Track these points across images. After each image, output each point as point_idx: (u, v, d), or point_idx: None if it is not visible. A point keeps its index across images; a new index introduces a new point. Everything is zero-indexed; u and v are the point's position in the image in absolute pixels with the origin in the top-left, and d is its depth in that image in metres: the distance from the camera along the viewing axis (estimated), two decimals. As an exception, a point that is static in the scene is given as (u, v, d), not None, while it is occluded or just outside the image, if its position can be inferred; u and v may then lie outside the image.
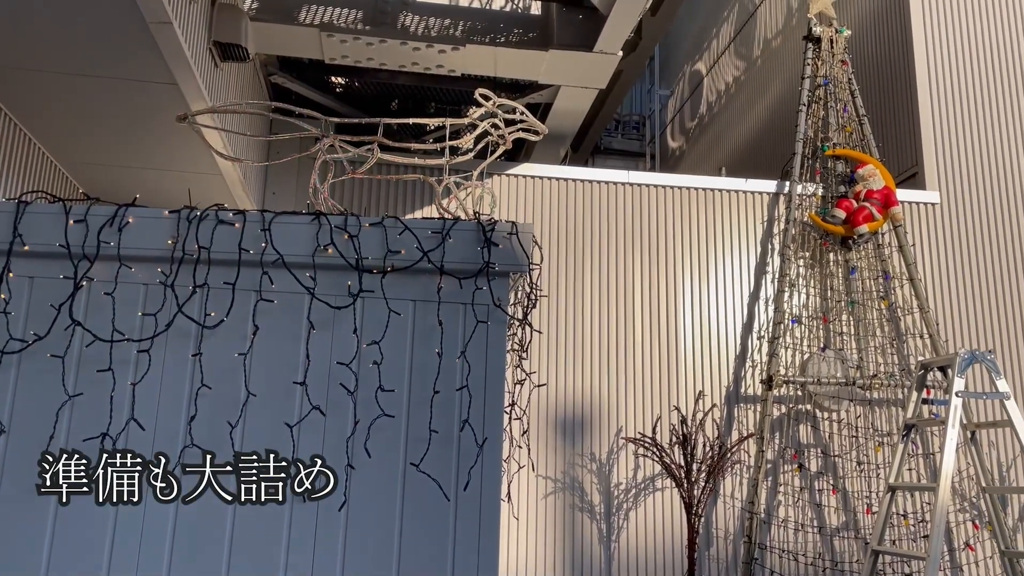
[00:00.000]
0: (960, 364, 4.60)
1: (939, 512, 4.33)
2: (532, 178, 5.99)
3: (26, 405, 2.56)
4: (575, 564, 5.29)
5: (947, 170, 6.30)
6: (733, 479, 5.48)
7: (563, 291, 5.73)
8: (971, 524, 5.52)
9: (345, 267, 2.73)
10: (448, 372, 2.77)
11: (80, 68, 3.93)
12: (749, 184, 6.11)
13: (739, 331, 5.80)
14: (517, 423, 3.93)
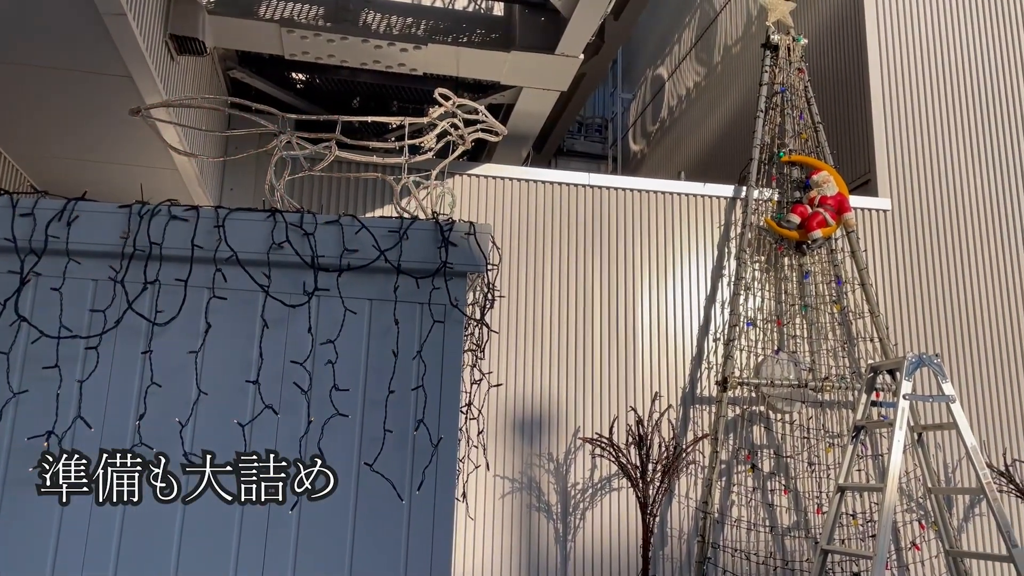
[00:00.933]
0: (908, 367, 4.71)
1: (886, 512, 4.43)
2: (493, 178, 6.00)
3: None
4: (531, 563, 5.31)
5: (898, 178, 6.45)
6: (688, 479, 5.55)
7: (522, 292, 5.75)
8: (917, 524, 5.65)
9: (300, 265, 2.71)
10: (404, 371, 2.76)
11: (31, 58, 3.85)
12: (707, 188, 6.19)
13: (695, 333, 5.88)
14: (473, 423, 3.93)
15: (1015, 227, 6.49)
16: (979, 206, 6.49)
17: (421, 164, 3.53)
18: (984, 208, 6.49)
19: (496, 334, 5.48)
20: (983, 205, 6.50)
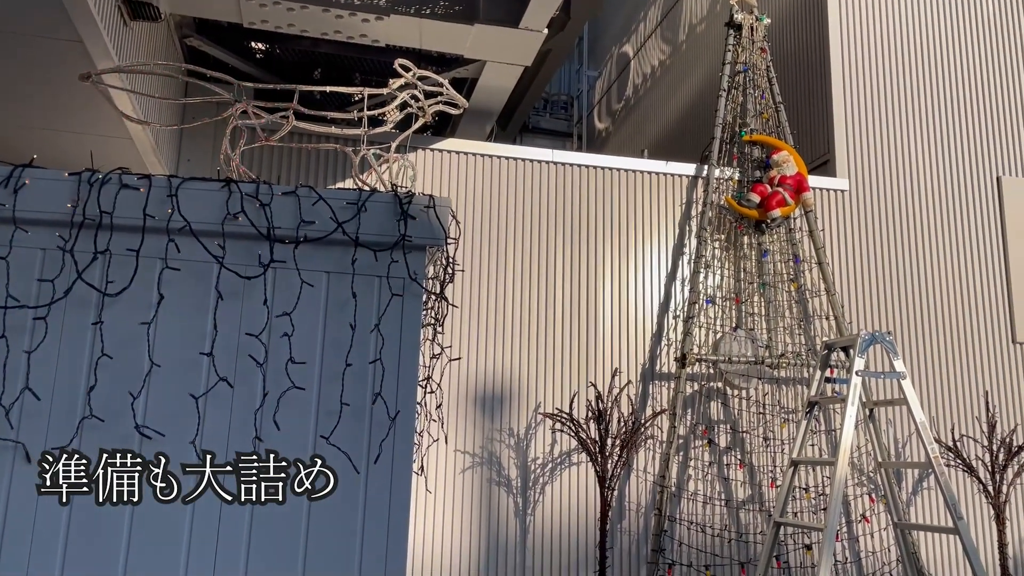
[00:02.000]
0: (861, 345, 4.81)
1: (837, 485, 4.54)
2: (457, 154, 5.96)
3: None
4: (491, 537, 5.35)
5: (857, 159, 6.54)
6: (646, 454, 5.62)
7: (483, 267, 5.74)
8: (868, 497, 5.80)
9: (256, 236, 2.67)
10: (361, 345, 2.75)
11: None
12: (669, 167, 6.22)
13: (655, 310, 5.93)
14: (432, 397, 3.93)
15: (970, 210, 6.64)
16: (935, 188, 6.62)
17: (381, 136, 3.50)
18: (940, 190, 6.62)
19: (456, 308, 5.47)
20: (939, 187, 6.63)
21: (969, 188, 6.69)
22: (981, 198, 6.68)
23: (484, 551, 5.33)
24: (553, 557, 5.40)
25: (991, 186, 6.73)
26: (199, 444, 2.56)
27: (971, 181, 6.70)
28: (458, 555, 5.29)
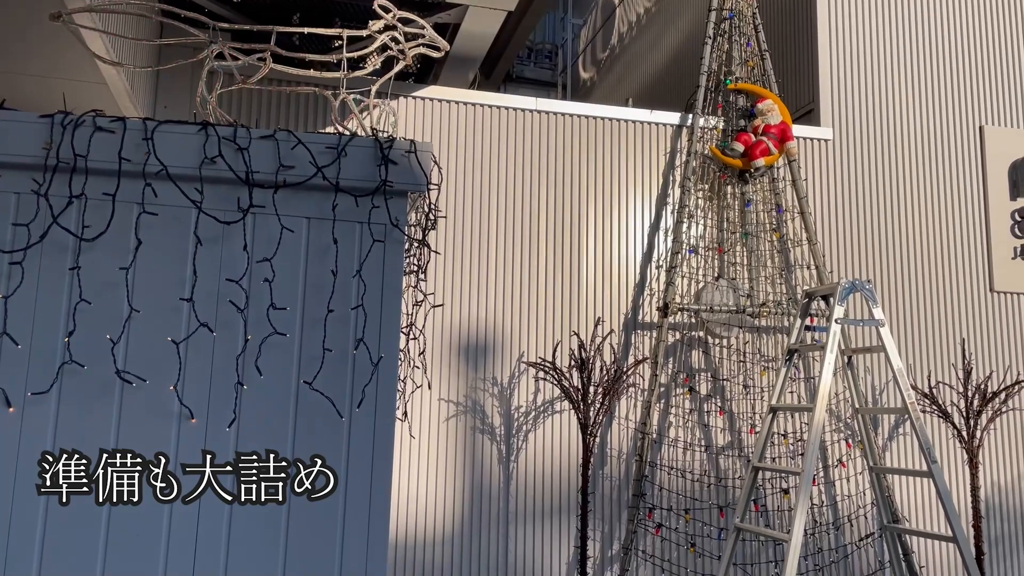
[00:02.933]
0: (841, 293, 4.86)
1: (814, 431, 4.62)
2: (439, 101, 5.89)
3: None
4: (475, 483, 5.43)
5: (841, 108, 6.52)
6: (628, 401, 5.69)
7: (466, 215, 5.71)
8: (844, 443, 5.92)
9: (234, 181, 2.64)
10: (343, 291, 2.74)
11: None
12: (654, 116, 6.18)
13: (639, 260, 5.94)
14: (414, 344, 3.95)
15: (952, 159, 6.65)
16: (918, 138, 6.62)
17: (362, 82, 3.44)
18: (923, 140, 6.62)
19: (438, 255, 5.46)
20: (922, 137, 6.63)
21: (951, 137, 6.69)
22: (963, 147, 6.70)
23: (468, 497, 5.40)
24: (536, 503, 5.49)
25: (974, 135, 6.74)
26: (180, 390, 2.56)
27: (954, 130, 6.71)
28: (443, 501, 5.37)
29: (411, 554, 5.27)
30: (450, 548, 5.33)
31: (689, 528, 5.54)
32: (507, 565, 5.38)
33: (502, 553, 5.39)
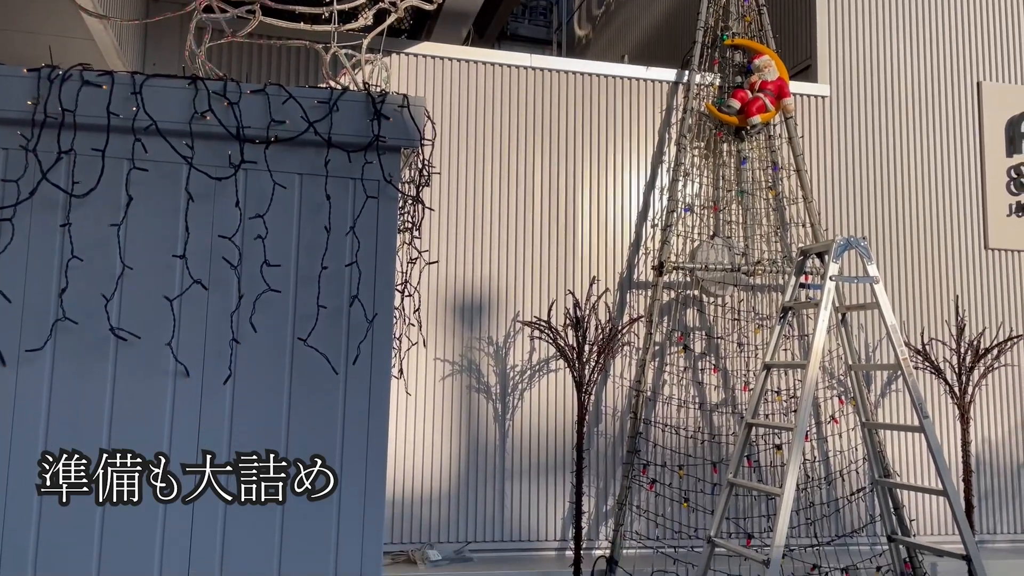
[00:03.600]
0: (836, 250, 4.85)
1: (807, 387, 4.65)
2: (432, 58, 5.81)
3: None
4: (471, 441, 5.47)
5: (839, 65, 6.46)
6: (622, 360, 5.71)
7: (461, 175, 5.68)
8: (837, 400, 5.97)
9: (225, 136, 2.60)
10: (337, 248, 2.72)
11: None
12: (650, 72, 6.11)
13: (634, 218, 5.93)
14: (409, 301, 3.94)
15: (949, 116, 6.61)
16: (916, 94, 6.57)
17: (353, 36, 3.39)
18: (920, 97, 6.57)
19: (432, 211, 5.44)
20: (920, 93, 6.58)
21: (949, 94, 6.64)
22: (961, 104, 6.65)
23: (465, 454, 5.45)
24: (531, 459, 5.54)
25: (971, 91, 6.69)
26: (175, 347, 2.55)
27: (951, 87, 6.65)
28: (439, 457, 5.41)
29: (408, 510, 5.33)
30: (446, 505, 5.39)
31: (683, 484, 5.60)
32: (503, 521, 5.45)
33: (498, 509, 5.45)
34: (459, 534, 5.39)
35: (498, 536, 5.45)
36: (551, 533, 5.51)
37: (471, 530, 5.41)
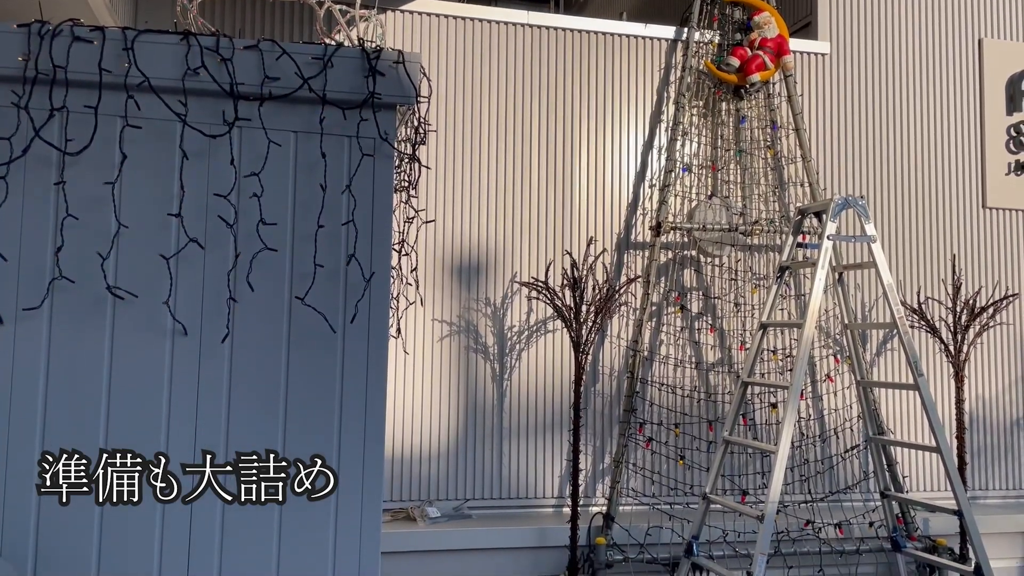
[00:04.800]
0: (834, 209, 4.84)
1: (803, 346, 4.68)
2: (428, 15, 5.73)
3: None
4: (469, 400, 5.51)
5: (839, 22, 6.38)
6: (620, 320, 5.73)
7: (458, 133, 5.63)
8: (833, 358, 6.00)
9: (219, 93, 2.58)
10: (333, 206, 2.72)
11: None
12: (648, 30, 6.03)
13: (632, 179, 5.90)
14: (407, 260, 3.94)
15: (950, 73, 6.55)
16: (916, 51, 6.50)
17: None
18: (921, 54, 6.50)
19: (428, 170, 5.41)
20: (920, 50, 6.51)
21: (950, 51, 6.57)
22: (961, 61, 6.58)
23: (463, 413, 5.49)
24: (529, 418, 5.59)
25: (972, 49, 6.62)
26: (173, 306, 2.56)
27: (952, 44, 6.58)
28: (438, 417, 5.46)
29: (407, 468, 5.38)
30: (445, 463, 5.45)
31: (679, 442, 5.66)
32: (501, 479, 5.51)
33: (496, 467, 5.51)
34: (458, 492, 5.46)
35: (496, 494, 5.51)
36: (548, 491, 5.58)
37: (470, 488, 5.48)
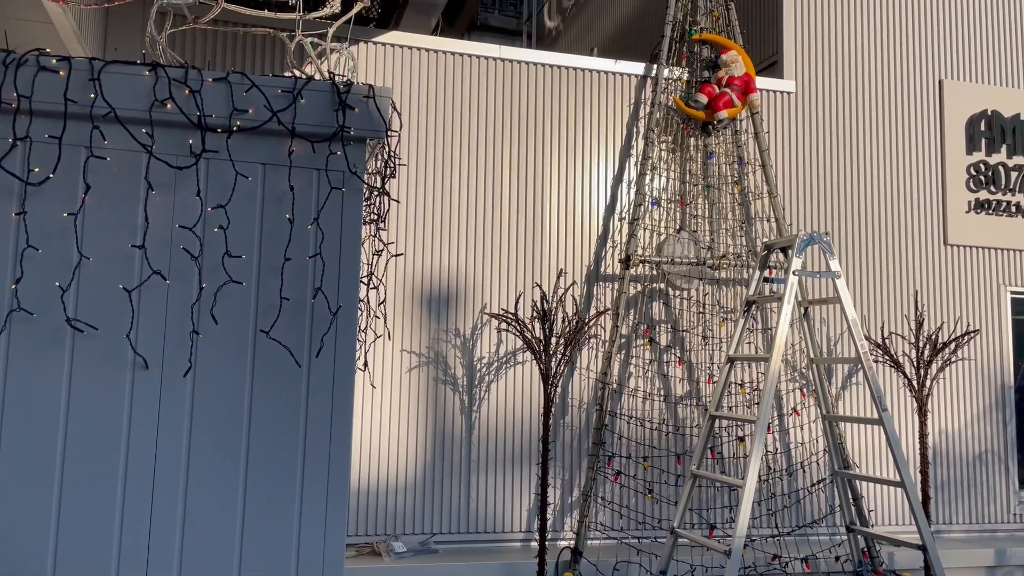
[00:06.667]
0: (799, 245, 4.92)
1: (770, 380, 4.71)
2: (401, 48, 5.77)
3: None
4: (437, 432, 5.47)
5: (805, 61, 6.52)
6: (589, 352, 5.74)
7: (429, 166, 5.65)
8: (799, 392, 6.05)
9: (186, 125, 2.57)
10: (300, 239, 2.71)
11: None
12: (618, 66, 6.12)
13: (601, 212, 5.95)
14: (375, 293, 3.92)
15: (911, 113, 6.71)
16: (879, 91, 6.66)
17: (319, 25, 3.35)
18: (884, 94, 6.67)
19: (398, 203, 5.41)
20: (883, 90, 6.67)
21: (912, 91, 6.75)
22: (923, 101, 6.76)
23: (431, 446, 5.45)
24: (498, 451, 5.55)
25: (933, 89, 6.80)
26: (134, 339, 2.52)
27: (914, 84, 6.76)
28: (406, 449, 5.40)
29: (374, 501, 5.31)
30: (412, 496, 5.39)
31: (647, 475, 5.65)
32: (469, 512, 5.46)
33: (464, 501, 5.46)
34: (424, 526, 5.39)
35: (464, 528, 5.45)
36: (516, 525, 5.53)
37: (437, 522, 5.41)
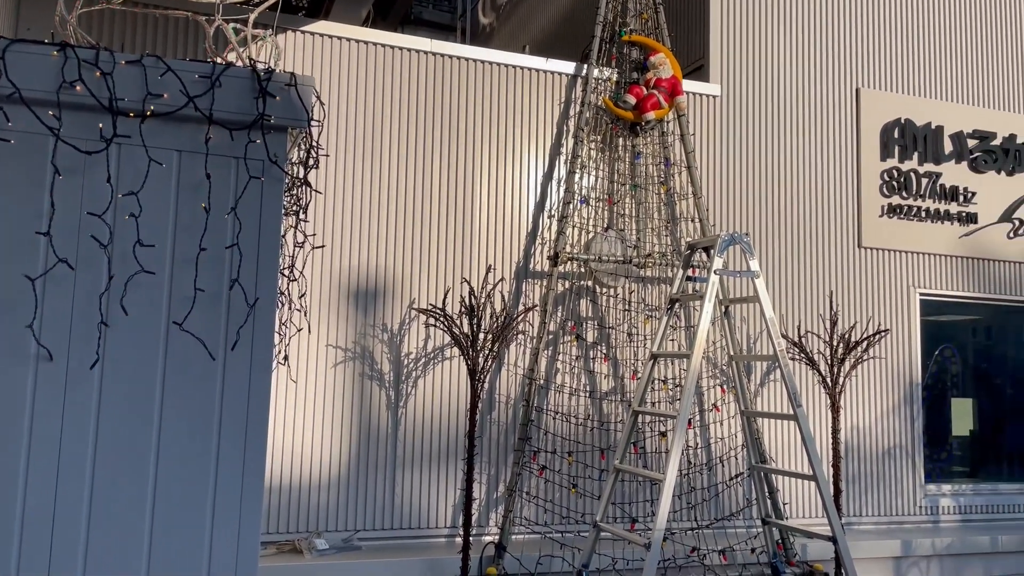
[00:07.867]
0: (720, 245, 5.04)
1: (691, 376, 4.82)
2: (330, 38, 5.68)
3: None
4: (362, 428, 5.41)
5: (730, 66, 6.68)
6: (517, 348, 5.77)
7: (357, 157, 5.59)
8: (719, 389, 6.20)
9: (97, 108, 2.48)
10: (217, 229, 2.64)
11: None
12: (550, 64, 6.16)
13: (531, 209, 5.98)
14: (295, 286, 3.86)
15: (830, 119, 6.94)
16: (800, 97, 6.87)
17: (242, 11, 3.28)
18: (804, 100, 6.88)
19: (320, 194, 5.33)
20: (804, 97, 6.88)
21: (830, 98, 6.98)
22: (840, 108, 7.00)
23: (356, 442, 5.39)
24: (424, 447, 5.53)
25: (850, 96, 7.05)
26: (37, 329, 2.42)
27: (832, 92, 7.00)
28: (329, 445, 5.33)
29: (295, 498, 5.23)
30: (335, 493, 5.32)
31: (572, 470, 5.71)
32: (393, 508, 5.43)
33: (388, 497, 5.42)
34: (348, 523, 5.34)
35: (388, 524, 5.42)
36: (441, 520, 5.52)
37: (360, 518, 5.36)
